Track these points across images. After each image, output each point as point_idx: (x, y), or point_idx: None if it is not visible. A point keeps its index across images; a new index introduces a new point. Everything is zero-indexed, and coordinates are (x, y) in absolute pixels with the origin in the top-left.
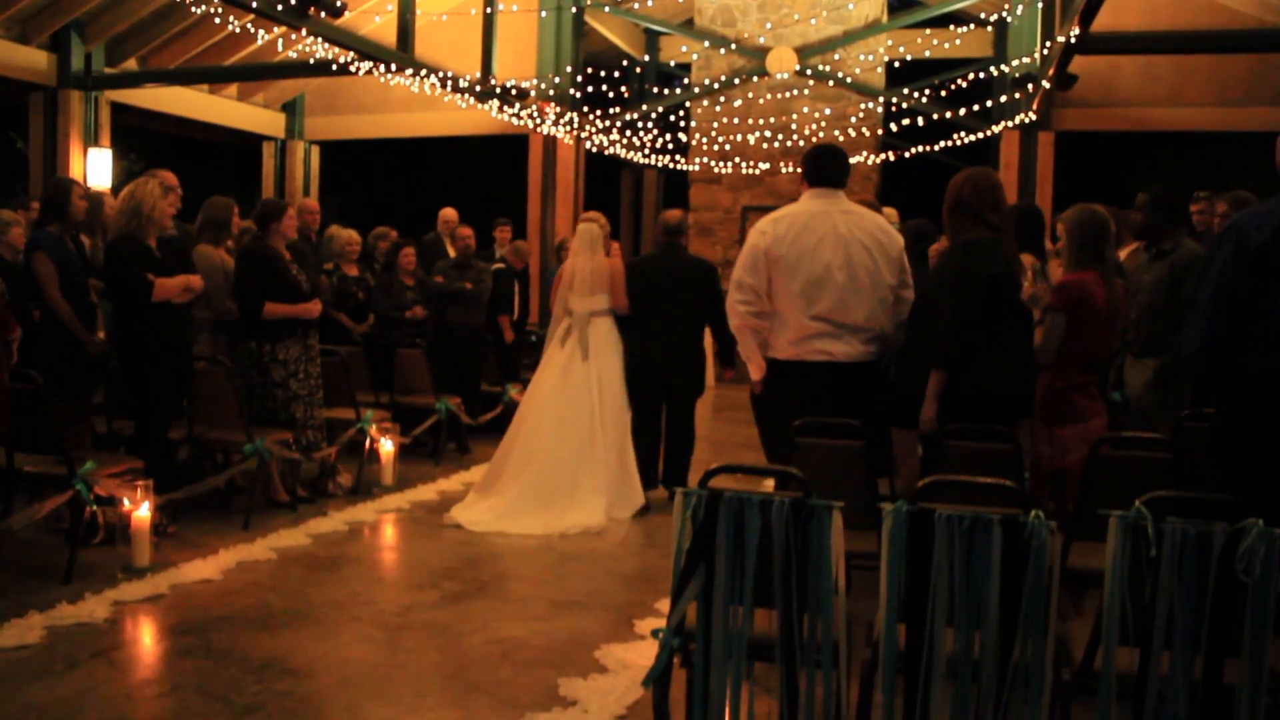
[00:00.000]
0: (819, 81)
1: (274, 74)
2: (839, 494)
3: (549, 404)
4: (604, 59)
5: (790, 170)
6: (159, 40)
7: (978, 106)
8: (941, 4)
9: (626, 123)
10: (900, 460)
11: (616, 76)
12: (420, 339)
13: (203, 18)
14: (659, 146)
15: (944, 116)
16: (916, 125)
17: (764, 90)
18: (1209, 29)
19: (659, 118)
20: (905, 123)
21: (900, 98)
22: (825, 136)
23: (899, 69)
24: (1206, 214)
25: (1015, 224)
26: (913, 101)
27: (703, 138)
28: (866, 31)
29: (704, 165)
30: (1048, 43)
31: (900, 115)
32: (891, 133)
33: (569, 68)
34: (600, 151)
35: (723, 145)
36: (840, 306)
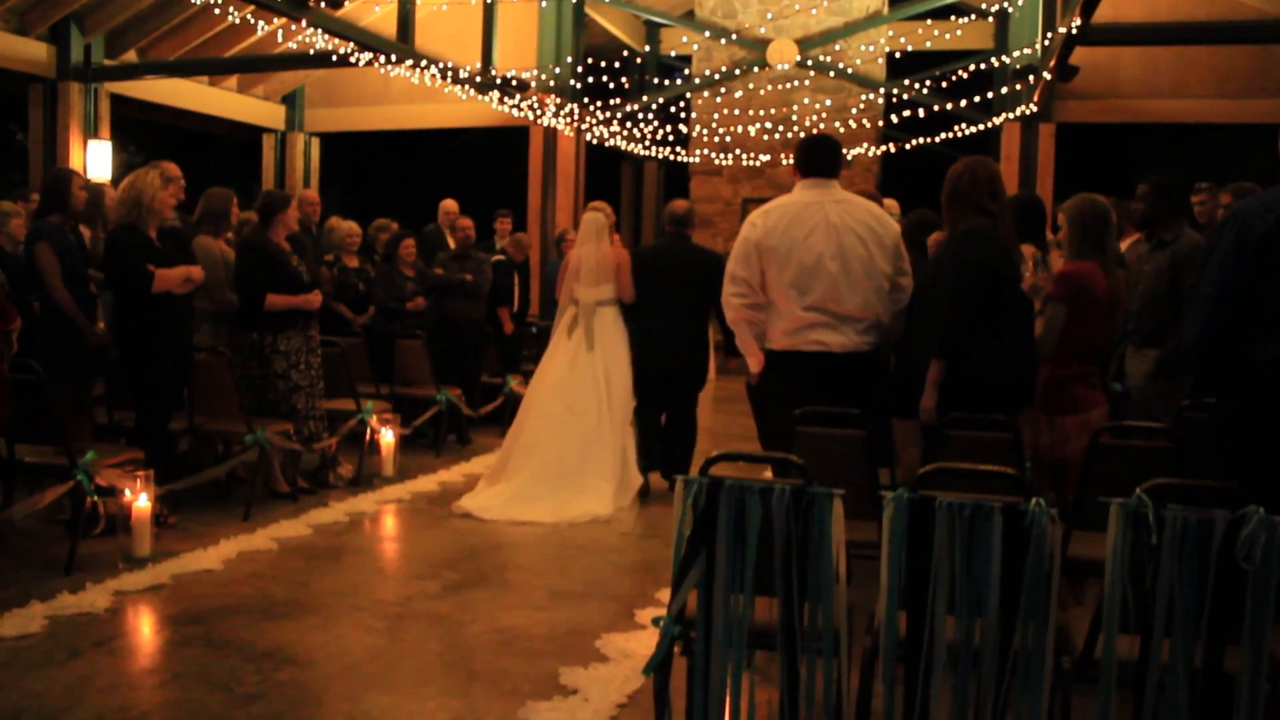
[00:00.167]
0: (820, 73)
1: (274, 65)
2: (839, 484)
3: (556, 393)
4: (604, 50)
5: (790, 162)
6: (158, 32)
7: (979, 98)
8: None
9: (627, 114)
10: (900, 450)
11: (617, 68)
12: (420, 330)
13: (202, 9)
14: (659, 138)
15: (945, 108)
16: (917, 117)
17: (764, 82)
18: (1210, 20)
19: (659, 109)
20: (906, 114)
21: (901, 89)
22: (826, 128)
23: (900, 60)
24: (1209, 205)
25: (1016, 214)
26: (914, 93)
27: (703, 129)
28: (867, 23)
29: (704, 157)
30: (1049, 34)
31: (901, 107)
32: (892, 124)
33: (569, 59)
34: (601, 143)
35: (723, 137)
36: (833, 296)
